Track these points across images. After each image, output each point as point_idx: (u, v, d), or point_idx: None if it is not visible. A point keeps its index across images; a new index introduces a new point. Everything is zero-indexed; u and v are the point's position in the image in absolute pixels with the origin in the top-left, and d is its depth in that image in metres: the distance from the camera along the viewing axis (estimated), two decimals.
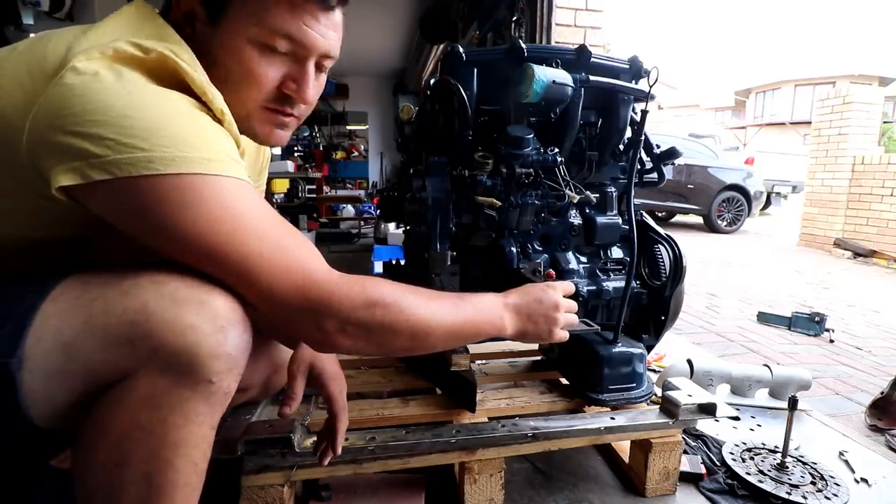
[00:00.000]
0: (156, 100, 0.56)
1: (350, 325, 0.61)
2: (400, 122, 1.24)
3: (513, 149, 1.01)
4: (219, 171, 0.56)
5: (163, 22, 0.63)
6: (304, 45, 0.66)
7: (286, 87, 0.68)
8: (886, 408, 1.52)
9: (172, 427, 0.56)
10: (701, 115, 27.72)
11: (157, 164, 0.53)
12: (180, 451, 0.57)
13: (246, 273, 0.58)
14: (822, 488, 1.09)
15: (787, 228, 7.52)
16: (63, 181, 0.52)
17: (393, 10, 4.62)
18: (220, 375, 0.57)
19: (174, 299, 0.55)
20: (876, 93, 5.68)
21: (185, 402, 0.56)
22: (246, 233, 0.57)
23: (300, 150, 7.10)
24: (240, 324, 0.59)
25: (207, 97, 0.60)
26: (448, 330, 0.70)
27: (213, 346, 0.56)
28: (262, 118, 0.70)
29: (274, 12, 0.63)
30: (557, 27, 2.44)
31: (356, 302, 0.61)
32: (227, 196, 0.57)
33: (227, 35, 0.64)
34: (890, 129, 13.01)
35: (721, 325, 2.66)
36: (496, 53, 1.06)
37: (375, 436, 0.91)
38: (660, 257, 1.20)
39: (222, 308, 0.58)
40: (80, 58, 0.54)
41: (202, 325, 0.55)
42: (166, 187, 0.54)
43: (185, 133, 0.55)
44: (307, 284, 0.59)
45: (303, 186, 6.00)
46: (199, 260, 0.57)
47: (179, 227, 0.55)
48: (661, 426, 1.04)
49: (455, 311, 0.71)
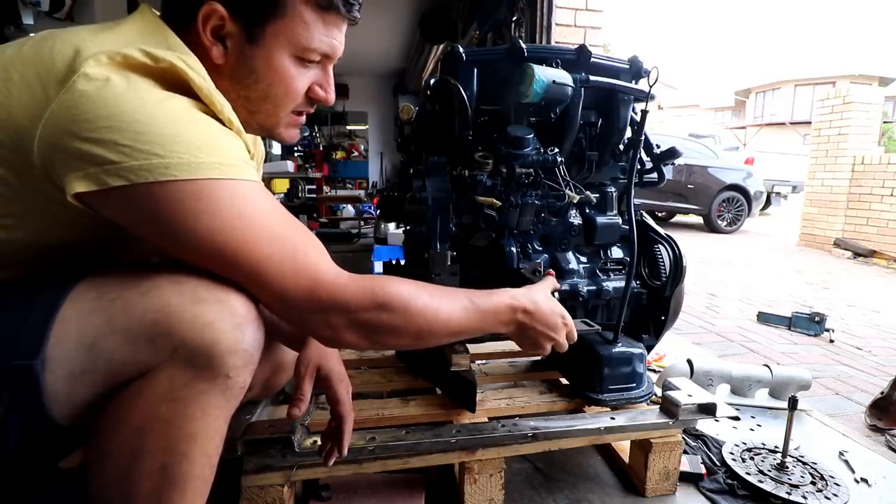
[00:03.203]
0: (168, 106, 0.56)
1: (356, 324, 0.63)
2: (400, 122, 1.24)
3: (513, 149, 1.01)
4: (232, 174, 0.58)
5: (170, 32, 0.63)
6: (332, 55, 0.71)
7: (314, 93, 0.73)
8: (886, 408, 1.52)
9: (190, 419, 0.58)
10: (701, 115, 27.73)
11: (174, 169, 0.54)
12: (196, 443, 0.59)
13: (257, 276, 0.59)
14: (822, 488, 1.09)
15: (787, 228, 7.52)
16: (78, 188, 0.53)
17: (393, 11, 4.62)
18: (237, 370, 0.59)
19: (194, 298, 0.57)
20: (876, 93, 5.68)
21: (202, 394, 0.58)
22: (258, 237, 0.59)
23: (300, 150, 7.07)
24: (255, 321, 0.61)
25: (216, 106, 0.61)
26: (453, 331, 0.72)
27: (231, 342, 0.58)
28: (288, 122, 0.74)
29: (313, 30, 0.67)
30: (557, 27, 2.44)
31: (363, 303, 0.63)
32: (240, 200, 0.58)
33: (268, 53, 0.66)
34: (890, 129, 13.00)
35: (721, 325, 2.66)
36: (496, 53, 1.06)
37: (375, 436, 0.91)
38: (660, 257, 1.20)
39: (240, 307, 0.60)
40: (91, 63, 0.54)
41: (221, 322, 0.58)
42: (183, 193, 0.55)
43: (198, 138, 0.56)
44: (316, 286, 0.61)
45: (303, 186, 6.01)
46: (214, 263, 0.59)
47: (195, 232, 0.56)
48: (661, 426, 1.04)
49: (465, 314, 0.71)
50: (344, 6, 0.68)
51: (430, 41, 4.52)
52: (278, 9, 0.64)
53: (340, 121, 7.99)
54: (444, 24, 4.16)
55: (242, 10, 0.64)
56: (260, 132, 0.76)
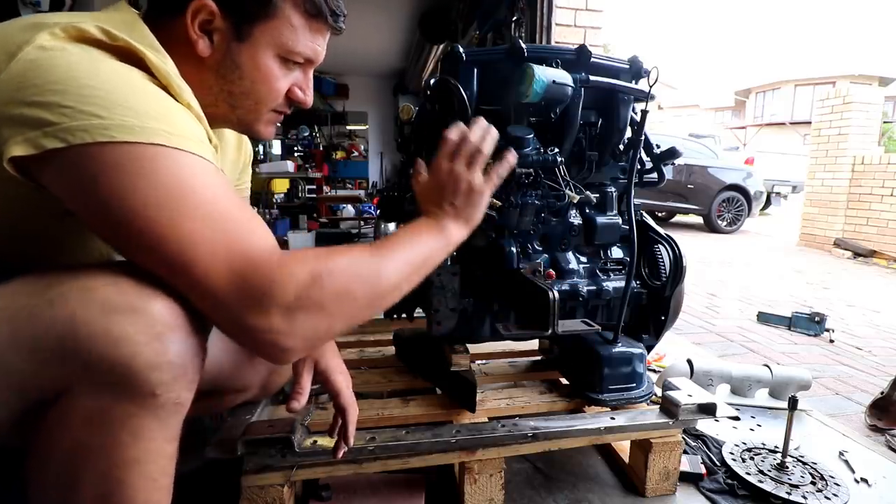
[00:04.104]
0: (122, 74, 0.54)
1: (300, 310, 0.54)
2: (400, 122, 1.24)
3: (513, 149, 1.01)
4: (179, 145, 0.53)
5: (143, 25, 0.62)
6: (314, 60, 0.73)
7: (293, 94, 0.74)
8: (886, 408, 1.52)
9: (120, 446, 0.52)
10: (701, 115, 27.73)
11: (114, 131, 0.50)
12: (134, 469, 0.53)
13: (183, 259, 0.52)
14: (822, 488, 1.09)
15: (787, 228, 7.52)
16: (15, 151, 0.49)
17: (393, 10, 4.61)
18: (165, 387, 0.53)
19: (104, 308, 0.51)
20: (876, 93, 5.68)
21: (130, 418, 0.52)
22: (194, 214, 0.53)
23: (300, 150, 7.09)
24: (182, 328, 0.55)
25: (174, 88, 0.59)
26: (404, 269, 0.64)
27: (150, 356, 0.51)
28: (267, 120, 0.76)
29: (299, 34, 0.69)
30: (557, 27, 2.44)
31: (300, 280, 0.54)
32: (185, 172, 0.53)
33: (253, 51, 0.67)
34: (890, 129, 12.99)
35: (721, 325, 2.66)
36: (496, 53, 1.06)
37: (375, 436, 0.91)
38: (660, 257, 1.20)
39: (160, 313, 0.53)
40: (45, 35, 0.52)
41: (136, 335, 0.51)
42: (121, 156, 0.50)
43: (148, 106, 0.53)
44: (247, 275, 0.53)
45: (303, 186, 6.01)
46: (142, 246, 0.53)
47: (128, 203, 0.51)
48: (661, 426, 1.04)
49: (401, 247, 0.66)
50: (331, 16, 0.70)
51: (430, 41, 4.52)
52: (269, 10, 0.66)
53: (340, 121, 7.98)
54: (444, 24, 4.15)
55: (234, 8, 0.65)
56: (239, 127, 0.77)
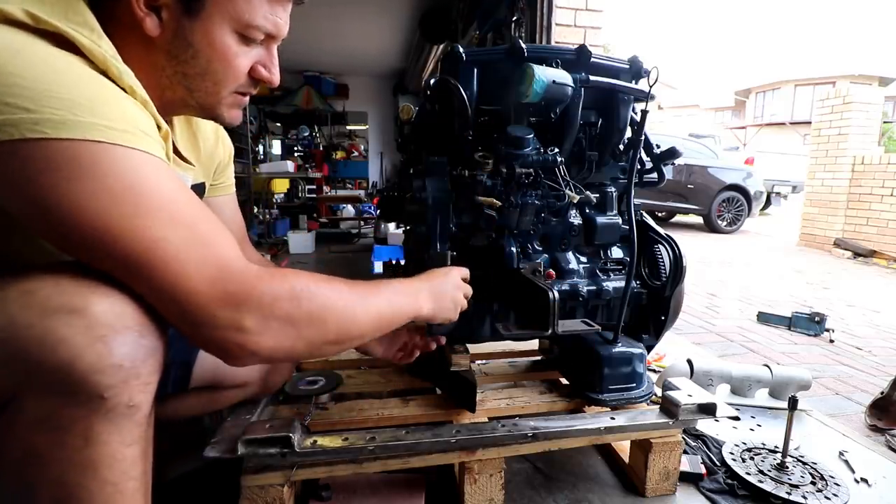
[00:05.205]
0: (51, 60, 0.49)
1: (274, 319, 0.56)
2: (400, 122, 1.24)
3: (513, 149, 1.01)
4: (122, 140, 0.50)
5: (85, 7, 0.56)
6: (276, 35, 0.68)
7: (256, 73, 0.69)
8: (886, 408, 1.52)
9: (72, 450, 0.51)
10: (701, 115, 27.73)
11: (45, 126, 0.46)
12: (91, 473, 0.52)
13: (147, 264, 0.50)
14: (822, 488, 1.09)
15: (787, 228, 7.52)
16: None
17: (393, 10, 4.62)
18: (113, 390, 0.51)
19: (43, 310, 0.49)
20: (876, 93, 5.68)
21: (79, 421, 0.51)
22: (152, 217, 0.50)
23: (300, 150, 7.09)
24: (130, 329, 0.52)
25: (112, 72, 0.54)
26: (374, 316, 0.69)
27: (93, 359, 0.49)
28: (230, 103, 0.71)
29: (256, 6, 0.63)
30: (557, 27, 2.44)
31: (279, 292, 0.56)
32: (130, 170, 0.50)
33: (206, 27, 0.62)
34: (890, 129, 12.98)
35: (721, 325, 2.66)
36: (496, 53, 1.06)
37: (375, 436, 0.91)
38: (660, 257, 1.20)
39: (104, 313, 0.51)
40: None
41: (75, 337, 0.49)
42: (55, 155, 0.47)
43: (82, 96, 0.49)
44: (224, 277, 0.53)
45: (303, 186, 6.01)
46: (92, 251, 0.50)
47: (68, 206, 0.48)
48: (661, 426, 1.04)
49: (377, 296, 0.70)
50: None
51: (430, 41, 4.52)
52: None
53: (340, 121, 7.98)
54: (444, 24, 4.15)
55: None
56: (201, 112, 0.72)
